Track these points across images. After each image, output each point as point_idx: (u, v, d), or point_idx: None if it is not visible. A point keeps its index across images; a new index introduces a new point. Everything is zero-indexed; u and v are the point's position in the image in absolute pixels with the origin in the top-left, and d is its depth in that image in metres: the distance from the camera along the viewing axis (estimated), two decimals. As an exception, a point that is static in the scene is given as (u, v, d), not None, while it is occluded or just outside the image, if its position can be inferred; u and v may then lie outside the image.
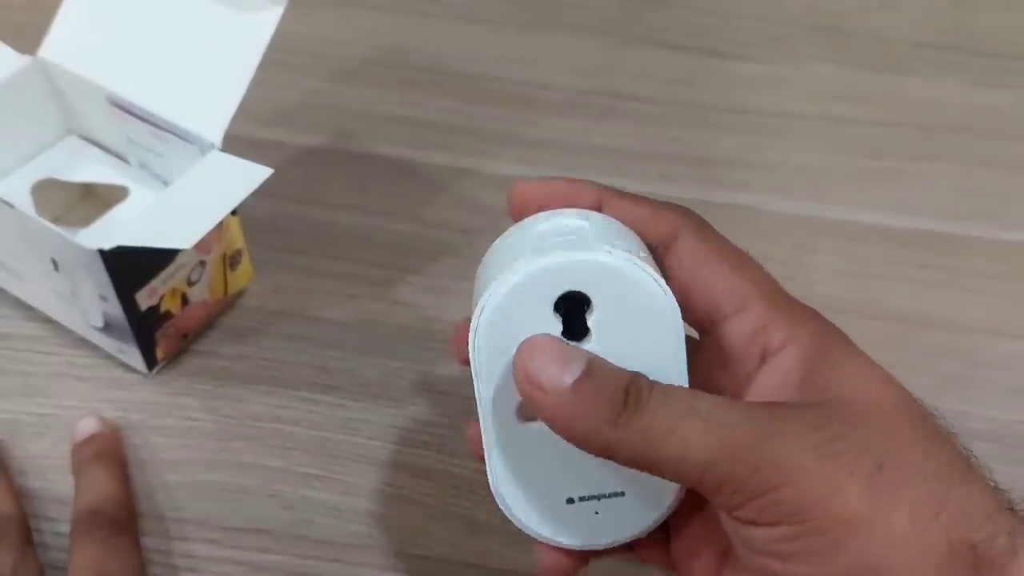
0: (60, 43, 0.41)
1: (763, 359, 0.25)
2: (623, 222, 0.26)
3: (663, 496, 0.26)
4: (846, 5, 0.61)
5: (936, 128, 0.53)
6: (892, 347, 0.24)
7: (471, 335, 0.24)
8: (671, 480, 0.23)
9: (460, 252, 0.45)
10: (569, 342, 0.23)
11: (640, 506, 0.26)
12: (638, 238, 0.26)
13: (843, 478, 0.21)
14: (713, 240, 0.27)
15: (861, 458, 0.21)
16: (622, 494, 0.26)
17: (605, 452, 0.23)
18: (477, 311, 0.24)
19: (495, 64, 0.56)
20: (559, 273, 0.23)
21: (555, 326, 0.24)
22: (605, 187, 0.27)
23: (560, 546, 0.27)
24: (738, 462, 0.21)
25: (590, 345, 0.24)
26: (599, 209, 0.27)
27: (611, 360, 0.23)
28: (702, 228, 0.27)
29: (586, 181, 0.27)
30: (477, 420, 0.26)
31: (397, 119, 0.52)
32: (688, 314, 0.26)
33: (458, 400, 0.40)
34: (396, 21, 0.58)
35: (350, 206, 0.47)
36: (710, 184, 0.49)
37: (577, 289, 0.23)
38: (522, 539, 0.36)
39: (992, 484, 0.23)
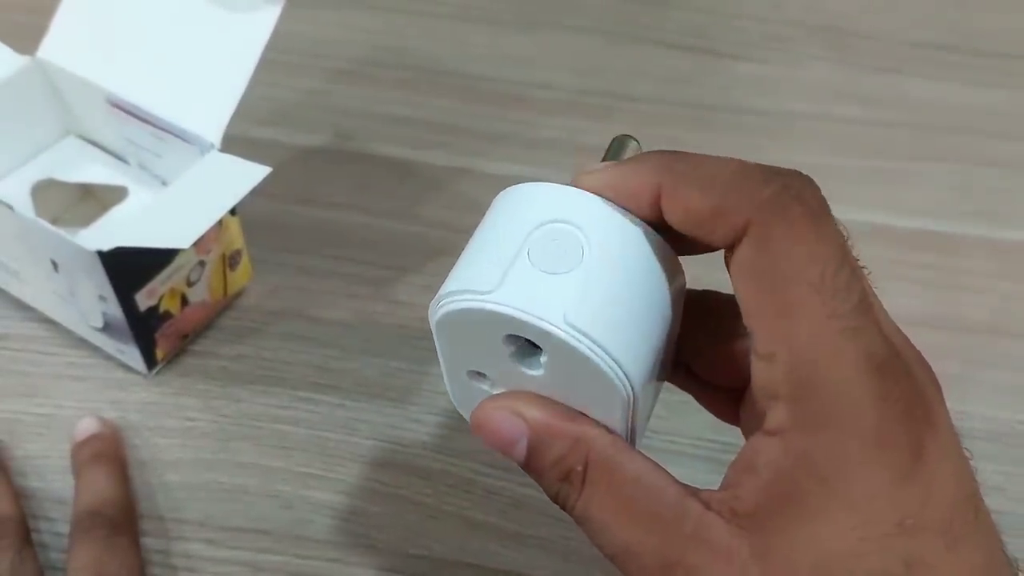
0: (59, 44, 0.41)
1: (760, 429, 0.21)
2: (682, 217, 0.22)
3: None
4: (846, 5, 0.61)
5: (936, 128, 0.53)
6: (891, 347, 0.24)
7: (431, 309, 0.24)
8: None
9: (460, 252, 0.45)
10: (521, 363, 0.23)
11: None
12: (652, 256, 0.23)
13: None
14: (779, 250, 0.20)
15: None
16: None
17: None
18: (436, 299, 0.23)
19: (494, 64, 0.56)
20: (514, 324, 0.22)
21: (505, 348, 0.23)
22: (666, 168, 0.22)
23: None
24: None
25: (539, 372, 0.23)
26: (657, 201, 0.22)
27: (559, 389, 0.23)
28: (771, 226, 0.20)
29: (642, 167, 0.22)
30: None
31: (397, 119, 0.52)
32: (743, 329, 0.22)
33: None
34: (395, 21, 0.58)
35: (350, 206, 0.47)
36: (710, 184, 0.49)
37: (531, 340, 0.22)
38: (521, 538, 0.36)
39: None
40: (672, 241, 0.23)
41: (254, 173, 0.35)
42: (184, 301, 0.39)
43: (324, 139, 0.51)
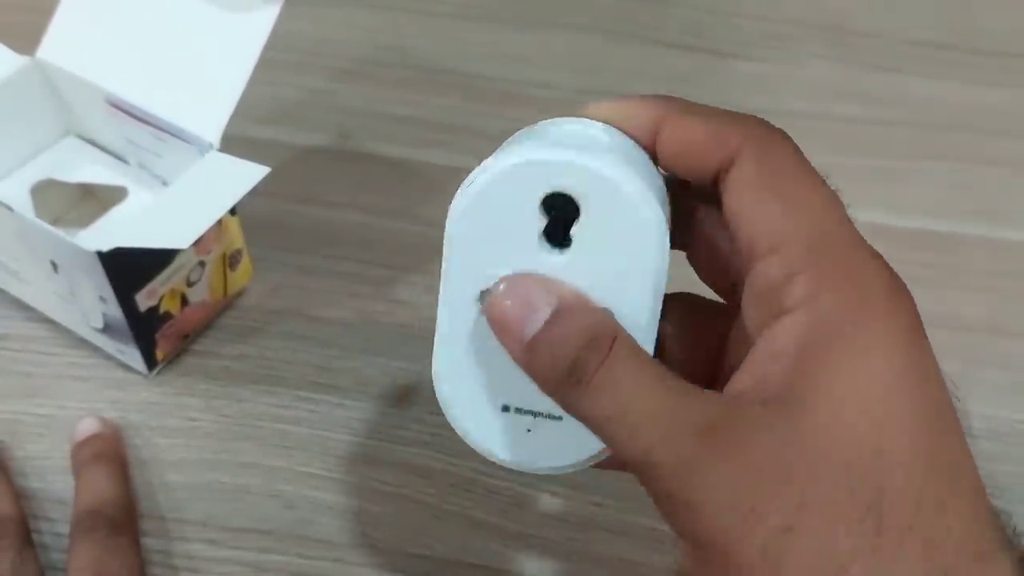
0: (58, 44, 0.41)
1: (773, 317, 0.22)
2: (677, 146, 0.24)
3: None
4: (846, 4, 0.61)
5: (936, 127, 0.53)
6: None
7: (451, 213, 0.24)
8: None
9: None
10: (549, 246, 0.23)
11: (576, 438, 0.24)
12: (656, 173, 0.24)
13: (737, 537, 0.20)
14: (776, 164, 0.23)
15: (766, 521, 0.20)
16: (559, 419, 0.24)
17: (563, 407, 0.23)
18: (462, 189, 0.23)
19: (494, 63, 0.56)
20: (551, 169, 0.22)
21: (537, 223, 0.23)
22: (671, 103, 0.24)
23: (489, 456, 0.25)
24: (655, 480, 0.21)
25: (567, 255, 0.23)
26: (657, 133, 0.24)
27: (583, 279, 0.23)
28: (766, 150, 0.23)
29: (648, 100, 0.24)
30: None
31: (397, 118, 0.52)
32: (734, 247, 0.24)
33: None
34: (396, 21, 0.58)
35: (350, 206, 0.47)
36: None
37: (565, 192, 0.22)
38: (523, 538, 0.36)
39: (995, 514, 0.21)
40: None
41: (253, 173, 0.35)
42: (184, 301, 0.39)
43: (324, 138, 0.51)
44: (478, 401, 0.25)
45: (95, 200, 0.44)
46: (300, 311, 0.43)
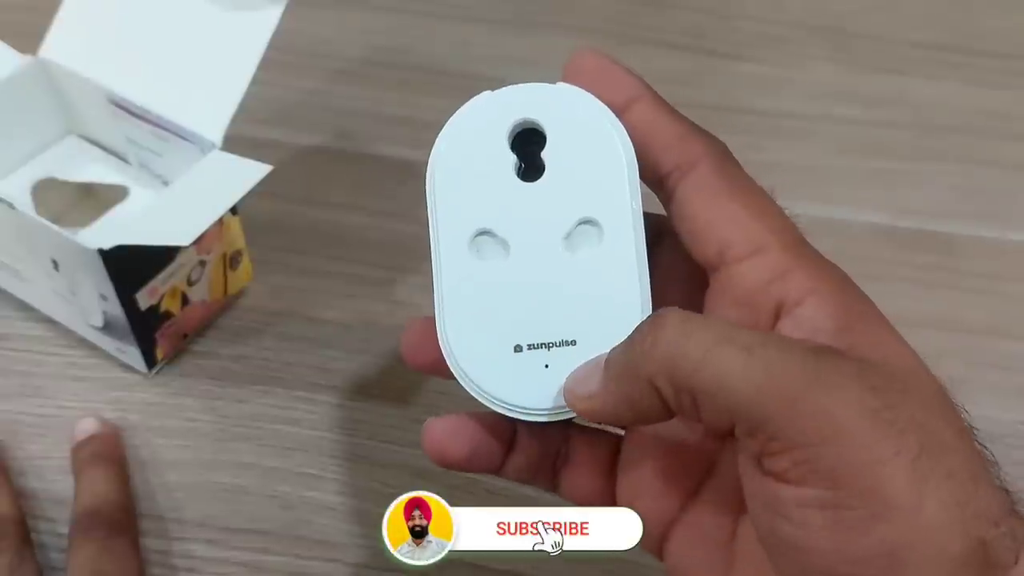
0: (60, 43, 0.41)
1: (780, 310, 0.23)
2: (642, 132, 0.25)
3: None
4: (846, 5, 0.61)
5: (936, 128, 0.53)
6: (892, 347, 0.24)
7: (429, 167, 0.24)
8: (708, 419, 0.21)
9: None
10: (526, 179, 0.24)
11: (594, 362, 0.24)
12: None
13: (889, 454, 0.20)
14: (735, 177, 0.24)
15: (907, 436, 0.20)
16: (573, 343, 0.24)
17: (649, 405, 0.22)
18: (435, 143, 0.24)
19: (494, 64, 0.56)
20: (511, 101, 0.24)
21: (509, 160, 0.24)
22: (648, 90, 0.25)
23: (505, 409, 0.25)
24: (784, 404, 0.20)
25: (544, 181, 0.24)
26: (627, 106, 0.25)
27: (558, 198, 0.24)
28: (724, 163, 0.24)
29: (632, 75, 0.25)
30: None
31: (397, 119, 0.52)
32: (697, 248, 0.24)
33: (458, 400, 0.40)
34: (395, 21, 0.58)
35: (350, 206, 0.47)
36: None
37: (530, 118, 0.24)
38: (522, 539, 0.36)
39: (1002, 485, 0.22)
40: None
41: (255, 171, 0.35)
42: (185, 300, 0.39)
43: (324, 139, 0.51)
44: (489, 347, 0.24)
45: (96, 199, 0.44)
46: (300, 312, 0.43)
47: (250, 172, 0.35)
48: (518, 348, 0.24)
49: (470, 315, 0.24)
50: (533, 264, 0.24)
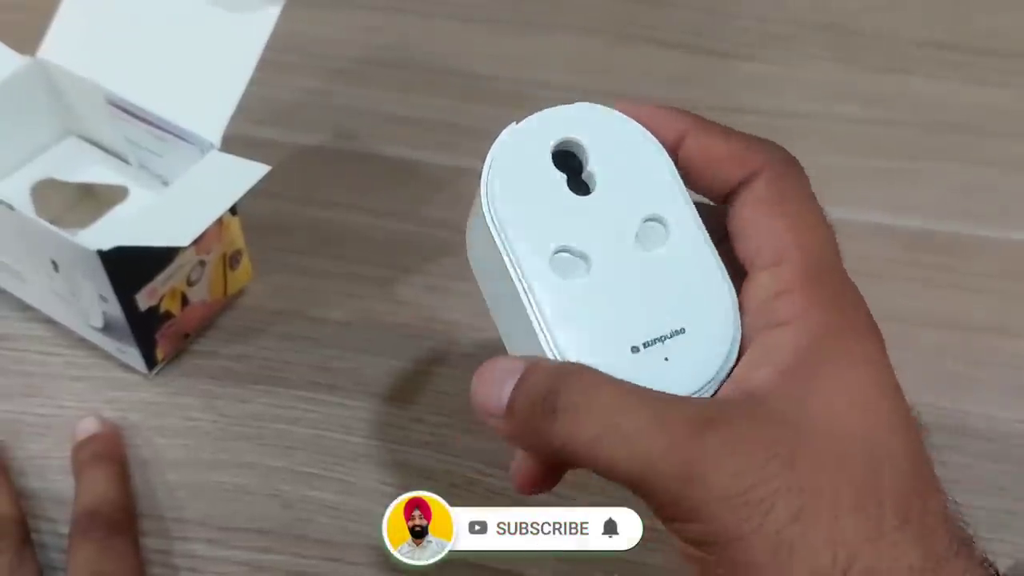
0: (59, 44, 0.41)
1: (769, 326, 0.24)
2: (702, 158, 0.26)
3: (722, 324, 0.25)
4: (847, 4, 0.61)
5: (937, 127, 0.53)
6: (893, 347, 0.24)
7: (485, 206, 0.25)
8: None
9: (460, 252, 0.45)
10: (578, 194, 0.25)
11: (708, 339, 0.25)
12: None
13: (749, 529, 0.21)
14: (788, 189, 0.25)
15: (775, 510, 0.21)
16: (683, 331, 0.25)
17: (548, 447, 0.23)
18: (486, 184, 0.26)
19: (495, 63, 0.56)
20: (542, 126, 0.26)
21: (560, 179, 0.26)
22: (696, 118, 0.26)
23: None
24: (657, 487, 0.21)
25: (596, 193, 0.25)
26: (680, 142, 0.26)
27: (617, 204, 0.25)
28: (782, 175, 0.25)
29: (676, 111, 0.26)
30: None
31: (397, 119, 0.52)
32: (738, 249, 0.25)
33: (458, 400, 0.40)
34: (396, 21, 0.58)
35: (350, 206, 0.47)
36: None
37: (568, 137, 0.26)
38: (522, 539, 0.36)
39: (932, 534, 0.22)
40: None
41: (254, 171, 0.35)
42: (185, 301, 0.39)
43: (324, 139, 0.51)
44: (608, 358, 0.24)
45: (95, 200, 0.44)
46: (300, 311, 0.43)
47: (249, 172, 0.35)
48: (635, 349, 0.25)
49: (579, 331, 0.25)
50: (617, 268, 0.25)
